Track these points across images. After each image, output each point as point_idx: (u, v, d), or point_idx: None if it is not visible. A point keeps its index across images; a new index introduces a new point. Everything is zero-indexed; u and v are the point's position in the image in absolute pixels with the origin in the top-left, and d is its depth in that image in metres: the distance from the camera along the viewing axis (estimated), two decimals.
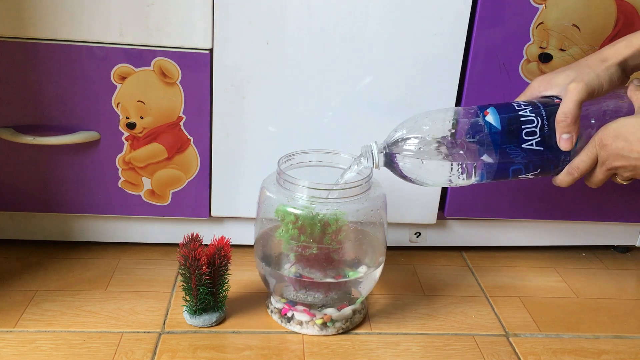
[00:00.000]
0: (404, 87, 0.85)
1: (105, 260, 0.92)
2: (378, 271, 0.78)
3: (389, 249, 0.82)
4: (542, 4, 0.82)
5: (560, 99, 0.67)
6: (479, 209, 0.95)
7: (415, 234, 0.99)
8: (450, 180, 0.70)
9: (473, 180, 0.69)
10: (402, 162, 0.69)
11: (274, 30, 0.81)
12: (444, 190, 0.93)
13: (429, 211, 0.94)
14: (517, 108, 0.68)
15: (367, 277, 0.77)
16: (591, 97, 0.66)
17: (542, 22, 0.83)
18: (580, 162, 0.67)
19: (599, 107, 0.69)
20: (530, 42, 0.84)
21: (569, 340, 0.81)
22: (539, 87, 0.71)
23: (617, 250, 1.07)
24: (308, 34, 0.81)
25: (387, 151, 0.70)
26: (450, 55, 0.84)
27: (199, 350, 0.73)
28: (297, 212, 0.72)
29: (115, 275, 0.88)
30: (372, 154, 0.71)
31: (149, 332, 0.76)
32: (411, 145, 0.68)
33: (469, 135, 0.67)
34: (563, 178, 0.69)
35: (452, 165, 0.68)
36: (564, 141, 0.66)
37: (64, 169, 0.86)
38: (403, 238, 0.99)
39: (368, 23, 0.82)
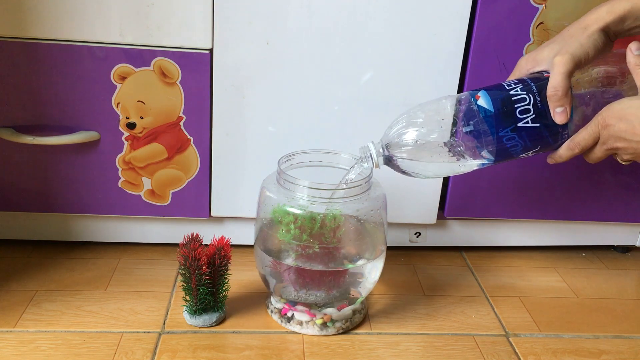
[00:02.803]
0: (404, 87, 0.85)
1: (105, 260, 0.92)
2: (378, 266, 0.78)
3: (389, 249, 0.82)
4: (542, 4, 0.82)
5: (549, 74, 0.67)
6: (479, 209, 0.95)
7: (415, 234, 0.99)
8: (452, 170, 0.69)
9: (475, 166, 0.69)
10: (401, 159, 0.69)
11: (274, 30, 0.81)
12: (444, 190, 0.93)
13: (429, 211, 0.94)
14: (507, 88, 0.67)
15: (368, 270, 0.77)
16: (578, 66, 0.66)
17: (542, 22, 0.83)
18: (581, 139, 0.67)
19: (589, 75, 0.68)
20: (530, 42, 0.84)
21: (569, 340, 0.81)
22: (526, 65, 0.71)
23: (617, 250, 1.07)
24: (308, 34, 0.82)
25: (385, 151, 0.70)
26: (450, 55, 0.84)
27: (199, 350, 0.73)
28: (297, 212, 0.72)
29: (115, 275, 0.88)
30: (371, 155, 0.71)
31: (149, 332, 0.76)
32: (408, 141, 0.68)
33: (464, 123, 0.67)
34: (563, 153, 0.69)
35: (451, 154, 0.68)
36: (558, 115, 0.65)
37: (64, 169, 0.86)
38: (403, 238, 0.99)
39: (368, 23, 0.82)
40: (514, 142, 0.67)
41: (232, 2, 0.79)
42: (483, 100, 0.67)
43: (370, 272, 0.78)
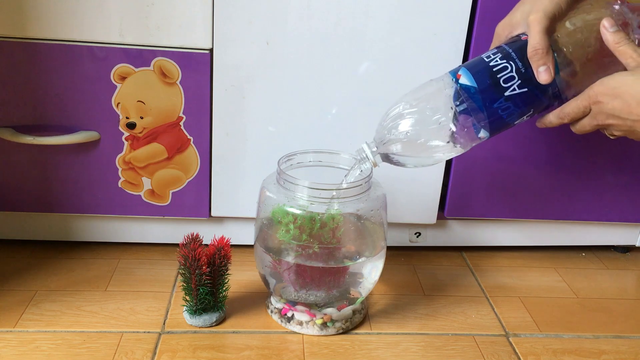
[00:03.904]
0: (405, 87, 0.84)
1: (105, 260, 0.92)
2: (378, 266, 0.78)
3: (389, 249, 0.82)
4: None
5: (527, 35, 0.66)
6: (479, 209, 0.95)
7: (415, 234, 0.99)
8: (450, 153, 0.69)
9: (474, 144, 0.69)
10: (398, 155, 0.69)
11: (274, 30, 0.81)
12: (444, 190, 0.93)
13: (428, 211, 0.94)
14: (487, 60, 0.66)
15: (368, 270, 0.77)
16: (554, 22, 0.65)
17: None
18: (570, 111, 0.66)
19: (566, 28, 0.67)
20: None
21: (569, 340, 0.81)
22: (503, 32, 0.70)
23: (617, 250, 1.07)
24: (308, 34, 0.82)
25: (380, 151, 0.70)
26: (450, 55, 0.84)
27: (199, 350, 0.73)
28: (297, 212, 0.72)
29: (115, 275, 0.88)
30: (367, 156, 0.71)
31: (149, 332, 0.76)
32: (400, 135, 0.67)
33: (452, 105, 0.66)
34: (553, 120, 0.68)
35: (446, 139, 0.67)
36: (542, 74, 0.64)
37: (64, 169, 0.86)
38: (403, 238, 0.99)
39: (368, 23, 0.82)
40: (508, 112, 0.66)
41: (232, 2, 0.79)
42: (465, 78, 0.66)
43: (370, 272, 0.78)
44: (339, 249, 0.74)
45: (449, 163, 0.91)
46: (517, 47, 0.66)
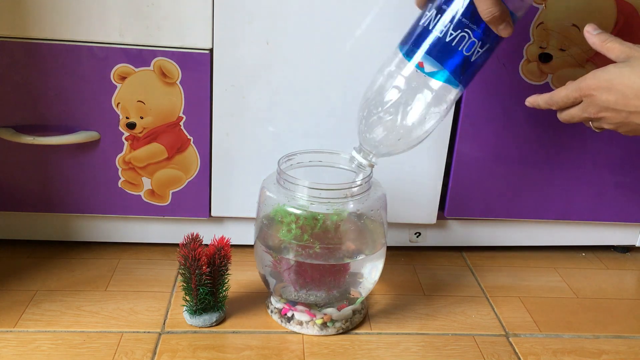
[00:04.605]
0: None
1: (105, 260, 0.92)
2: (379, 266, 0.78)
3: (389, 249, 0.82)
4: (542, 4, 0.82)
5: None
6: (479, 209, 0.95)
7: (415, 234, 0.99)
8: (439, 120, 0.69)
9: (456, 97, 0.69)
10: (389, 150, 0.69)
11: (274, 30, 0.81)
12: (444, 190, 0.93)
13: (429, 211, 0.94)
14: (442, 36, 0.65)
15: (368, 270, 0.77)
16: None
17: (542, 22, 0.83)
18: (559, 100, 0.66)
19: None
20: (530, 42, 0.84)
21: (569, 340, 0.81)
22: None
23: (617, 250, 1.07)
24: (308, 34, 0.82)
25: (370, 151, 0.71)
26: None
27: (199, 350, 0.73)
28: (297, 212, 0.72)
29: (115, 275, 0.88)
30: (360, 162, 0.72)
31: (149, 332, 0.76)
32: (385, 131, 0.68)
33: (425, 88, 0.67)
34: (541, 104, 0.68)
35: (428, 113, 0.68)
36: (503, 31, 0.64)
37: (64, 169, 0.86)
38: (403, 238, 0.99)
39: (369, 23, 0.82)
40: (478, 64, 0.66)
41: (232, 2, 0.79)
42: (430, 66, 0.66)
43: (371, 271, 0.78)
44: (339, 248, 0.74)
45: (449, 163, 0.91)
46: (466, 10, 0.64)
